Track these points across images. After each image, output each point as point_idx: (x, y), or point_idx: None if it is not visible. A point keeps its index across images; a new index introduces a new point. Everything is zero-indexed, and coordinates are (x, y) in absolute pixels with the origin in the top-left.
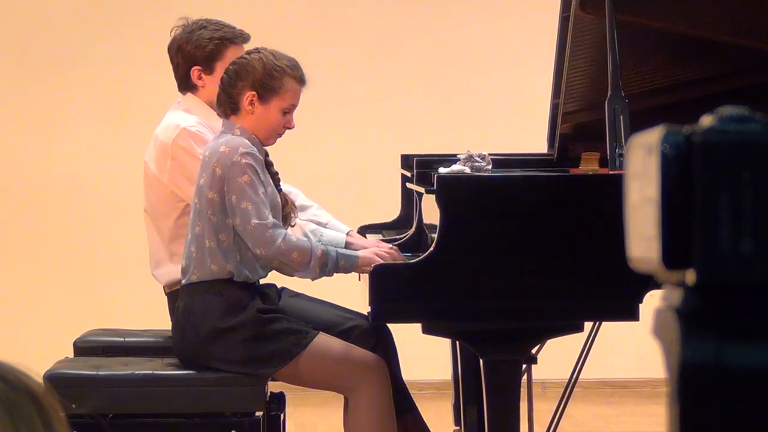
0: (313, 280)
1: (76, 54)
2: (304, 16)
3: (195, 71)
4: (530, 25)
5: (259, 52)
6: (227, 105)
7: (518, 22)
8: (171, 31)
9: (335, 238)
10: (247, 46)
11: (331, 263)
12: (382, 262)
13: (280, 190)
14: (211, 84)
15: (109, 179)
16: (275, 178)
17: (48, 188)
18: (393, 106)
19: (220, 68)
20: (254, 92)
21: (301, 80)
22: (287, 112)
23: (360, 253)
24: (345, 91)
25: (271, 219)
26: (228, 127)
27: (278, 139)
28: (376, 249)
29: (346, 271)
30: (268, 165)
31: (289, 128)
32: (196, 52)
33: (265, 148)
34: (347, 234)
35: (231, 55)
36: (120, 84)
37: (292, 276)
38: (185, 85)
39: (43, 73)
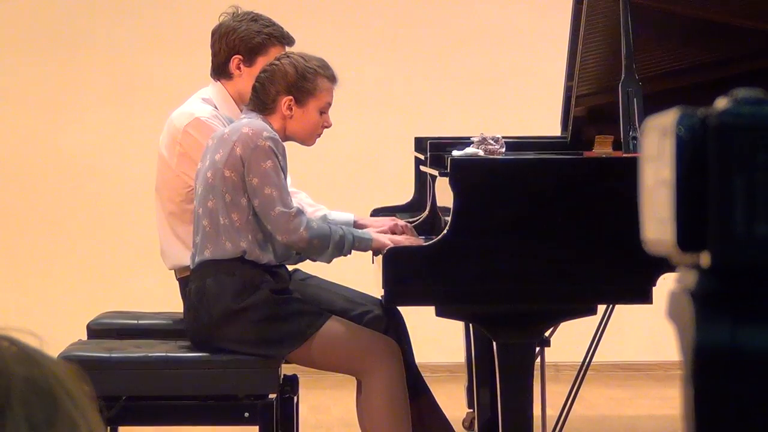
0: (328, 263)
1: (88, 37)
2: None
3: (235, 60)
4: (544, 8)
5: (288, 56)
6: (260, 109)
7: (532, 5)
8: (219, 17)
9: (343, 219)
10: None
11: (347, 246)
12: (393, 245)
13: None
14: (247, 76)
15: (122, 162)
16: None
17: (61, 171)
18: (406, 88)
19: (261, 63)
20: (291, 97)
21: (332, 78)
22: (324, 111)
23: (374, 235)
24: (358, 74)
25: (295, 206)
26: (251, 116)
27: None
28: (390, 234)
29: (361, 250)
30: None
31: (327, 127)
32: (240, 43)
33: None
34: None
35: (274, 53)
36: (132, 68)
37: (314, 261)
38: (220, 71)
39: (55, 56)
